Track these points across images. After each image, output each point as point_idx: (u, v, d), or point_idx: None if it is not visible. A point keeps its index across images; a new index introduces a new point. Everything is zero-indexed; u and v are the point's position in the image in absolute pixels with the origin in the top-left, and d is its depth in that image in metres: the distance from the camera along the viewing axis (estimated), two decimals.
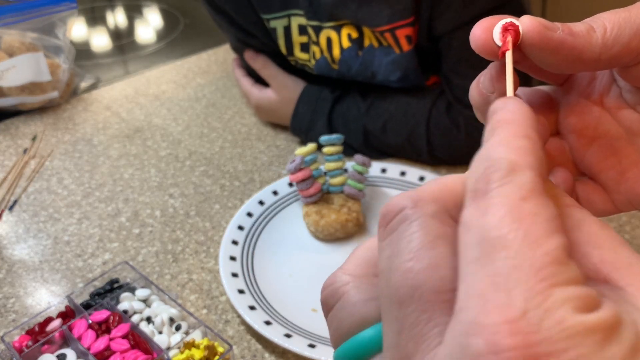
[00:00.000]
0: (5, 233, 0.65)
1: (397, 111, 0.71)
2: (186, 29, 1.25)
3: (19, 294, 0.57)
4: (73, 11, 0.91)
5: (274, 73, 0.79)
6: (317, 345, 0.48)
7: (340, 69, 0.72)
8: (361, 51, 0.70)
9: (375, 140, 0.73)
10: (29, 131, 0.85)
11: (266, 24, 0.72)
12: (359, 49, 0.70)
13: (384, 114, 0.72)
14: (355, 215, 0.61)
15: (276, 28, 0.72)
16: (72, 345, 0.49)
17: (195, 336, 0.49)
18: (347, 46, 0.69)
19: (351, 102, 0.74)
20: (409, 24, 0.65)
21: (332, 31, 0.69)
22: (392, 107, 0.72)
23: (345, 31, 0.69)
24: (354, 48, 0.69)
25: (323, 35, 0.69)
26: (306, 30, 0.71)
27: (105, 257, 0.61)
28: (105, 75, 1.03)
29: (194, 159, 0.78)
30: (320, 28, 0.69)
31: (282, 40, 0.74)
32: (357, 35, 0.69)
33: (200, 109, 0.90)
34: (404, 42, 0.66)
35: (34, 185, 0.73)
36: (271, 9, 0.71)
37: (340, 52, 0.70)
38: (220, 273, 0.56)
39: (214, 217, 0.67)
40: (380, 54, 0.69)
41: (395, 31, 0.65)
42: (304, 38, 0.72)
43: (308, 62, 0.74)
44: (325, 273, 0.61)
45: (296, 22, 0.71)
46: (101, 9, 1.41)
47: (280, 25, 0.72)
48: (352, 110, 0.74)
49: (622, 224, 0.64)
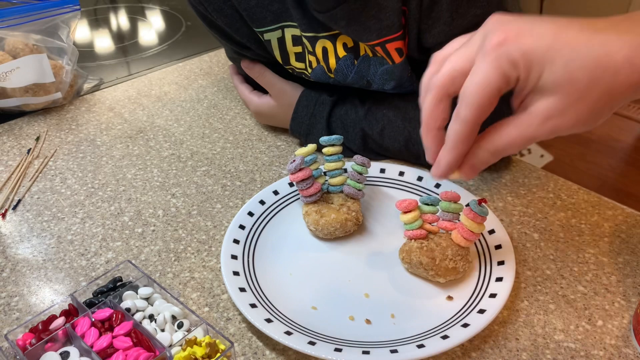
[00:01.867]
0: (9, 232, 0.66)
1: (395, 117, 0.72)
2: (188, 30, 1.26)
3: (22, 292, 0.58)
4: (76, 13, 0.92)
5: (271, 80, 0.79)
6: (317, 343, 0.49)
7: (337, 77, 0.72)
8: (357, 60, 0.70)
9: (374, 144, 0.74)
10: (32, 132, 0.86)
11: (260, 36, 0.73)
12: (354, 57, 0.70)
13: (382, 119, 0.73)
14: (354, 215, 0.62)
15: (270, 40, 0.72)
16: (75, 343, 0.49)
17: (197, 334, 0.49)
18: (342, 55, 0.70)
19: (349, 106, 0.75)
20: (399, 37, 0.65)
21: (328, 41, 0.69)
22: (390, 112, 0.73)
23: (341, 41, 0.69)
24: (350, 57, 0.70)
25: (319, 45, 0.70)
26: (301, 40, 0.71)
27: (108, 256, 0.62)
28: (108, 76, 1.04)
29: (195, 159, 0.78)
30: (316, 38, 0.69)
31: (277, 52, 0.74)
32: (353, 44, 0.69)
33: (202, 110, 0.91)
34: (395, 54, 0.67)
35: (38, 185, 0.74)
36: (263, 23, 0.71)
37: (336, 62, 0.71)
38: (221, 271, 0.56)
39: (215, 216, 0.67)
40: (375, 63, 0.69)
41: (386, 45, 0.66)
42: (298, 48, 0.72)
43: (305, 71, 0.75)
44: (325, 271, 0.62)
45: (290, 34, 0.71)
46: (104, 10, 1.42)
47: (274, 37, 0.72)
48: (350, 115, 0.74)
49: (617, 223, 0.65)
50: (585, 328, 0.53)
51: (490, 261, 0.57)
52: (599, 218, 0.66)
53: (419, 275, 0.57)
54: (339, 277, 0.58)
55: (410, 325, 0.52)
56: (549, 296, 0.56)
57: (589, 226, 0.65)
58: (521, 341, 0.51)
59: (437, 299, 0.55)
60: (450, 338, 0.49)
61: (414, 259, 0.55)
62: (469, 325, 0.50)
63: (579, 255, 0.61)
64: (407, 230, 0.57)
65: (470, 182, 0.72)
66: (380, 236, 0.63)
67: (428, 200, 0.57)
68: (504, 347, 0.51)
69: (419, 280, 0.57)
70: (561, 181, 0.72)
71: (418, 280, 0.57)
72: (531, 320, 0.53)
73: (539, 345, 0.51)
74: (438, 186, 0.68)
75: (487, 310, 0.51)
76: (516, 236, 0.64)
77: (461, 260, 0.55)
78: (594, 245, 0.62)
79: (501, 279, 0.55)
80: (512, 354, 0.50)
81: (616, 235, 0.63)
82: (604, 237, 0.63)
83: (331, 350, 0.48)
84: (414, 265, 0.56)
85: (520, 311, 0.54)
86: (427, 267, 0.55)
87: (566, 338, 0.52)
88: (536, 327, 0.53)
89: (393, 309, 0.54)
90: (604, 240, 0.63)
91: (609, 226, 0.65)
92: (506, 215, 0.67)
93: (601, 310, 0.54)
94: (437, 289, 0.56)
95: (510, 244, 0.58)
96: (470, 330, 0.49)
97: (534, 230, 0.64)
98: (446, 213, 0.57)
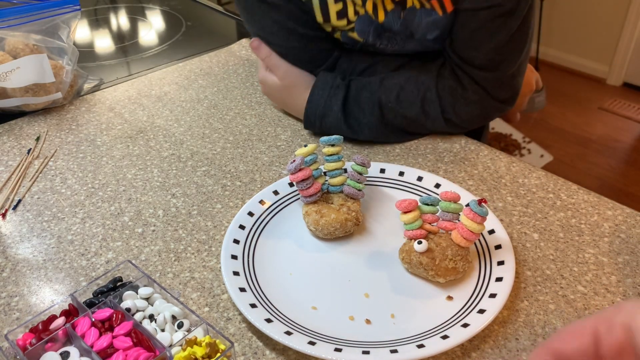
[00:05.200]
0: (9, 232, 0.66)
1: (407, 82, 0.76)
2: (188, 30, 1.26)
3: (22, 292, 0.58)
4: (76, 13, 0.92)
5: (278, 63, 0.81)
6: (317, 343, 0.49)
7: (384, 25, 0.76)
8: (404, 12, 0.73)
9: (391, 114, 0.77)
10: (32, 132, 0.86)
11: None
12: (402, 9, 0.73)
13: (396, 87, 0.76)
14: (354, 215, 0.62)
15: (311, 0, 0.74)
16: (76, 343, 0.49)
17: (197, 334, 0.49)
18: (390, 8, 0.73)
19: (361, 85, 0.77)
20: None
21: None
22: (402, 79, 0.76)
23: None
24: (397, 11, 0.73)
25: (369, 2, 0.72)
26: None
27: (109, 256, 0.62)
28: (108, 76, 1.04)
29: (195, 159, 0.78)
30: None
31: (317, 11, 0.75)
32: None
33: (202, 110, 0.91)
34: (448, 3, 0.70)
35: (38, 185, 0.74)
36: None
37: (385, 15, 0.73)
38: (221, 271, 0.56)
39: (215, 216, 0.67)
40: (422, 14, 0.72)
41: None
42: (339, 5, 0.74)
43: (345, 28, 0.77)
44: (324, 271, 0.62)
45: None
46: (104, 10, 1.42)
47: None
48: (366, 88, 0.77)
49: (617, 224, 0.65)
50: None
51: (490, 261, 0.57)
52: (598, 218, 0.66)
53: (419, 275, 0.57)
54: (339, 277, 0.58)
55: (410, 326, 0.52)
56: (549, 296, 0.56)
57: (589, 226, 0.65)
58: (521, 341, 0.51)
59: (437, 299, 0.55)
60: (450, 338, 0.49)
61: (414, 259, 0.56)
62: (468, 325, 0.50)
63: (579, 255, 0.61)
64: (407, 230, 0.57)
65: (470, 182, 0.72)
66: (380, 236, 0.63)
67: (428, 200, 0.57)
68: (504, 347, 0.51)
69: (419, 280, 0.57)
70: (561, 181, 0.72)
71: (418, 280, 0.57)
72: (531, 320, 0.53)
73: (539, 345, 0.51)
74: (438, 186, 0.68)
75: (487, 310, 0.51)
76: (516, 236, 0.64)
77: (461, 260, 0.55)
78: (594, 245, 0.62)
79: (501, 279, 0.55)
80: (512, 354, 0.50)
81: (616, 235, 0.63)
82: (604, 237, 0.63)
83: (331, 350, 0.48)
84: (414, 265, 0.56)
85: (520, 311, 0.54)
86: (427, 267, 0.55)
87: None
88: (536, 327, 0.53)
89: (393, 309, 0.54)
90: (603, 240, 0.63)
91: (608, 226, 0.65)
92: (506, 215, 0.67)
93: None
94: (437, 289, 0.56)
95: (510, 244, 0.58)
96: (470, 330, 0.49)
97: (534, 230, 0.64)
98: (446, 213, 0.57)
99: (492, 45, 0.71)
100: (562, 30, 3.33)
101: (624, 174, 2.53)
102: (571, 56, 3.36)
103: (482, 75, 0.75)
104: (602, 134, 2.80)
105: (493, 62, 0.73)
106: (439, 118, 0.77)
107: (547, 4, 3.26)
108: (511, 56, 0.73)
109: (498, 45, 0.71)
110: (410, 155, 0.78)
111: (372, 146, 0.80)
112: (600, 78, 3.27)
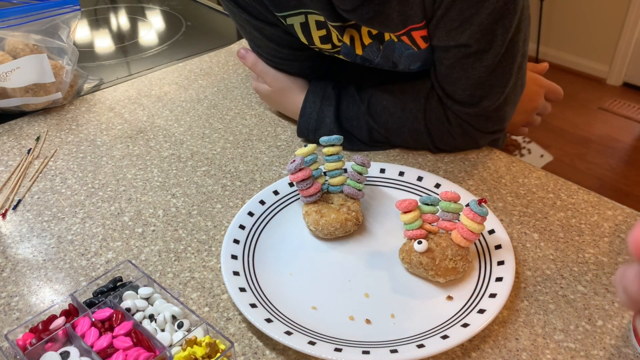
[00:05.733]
0: (9, 232, 0.66)
1: (394, 108, 0.75)
2: (188, 30, 1.26)
3: (22, 292, 0.58)
4: (76, 13, 0.92)
5: (264, 69, 0.82)
6: (317, 343, 0.49)
7: (363, 63, 0.76)
8: (382, 45, 0.72)
9: (380, 137, 0.77)
10: (32, 132, 0.86)
11: (282, 20, 0.73)
12: (380, 43, 0.72)
13: (384, 112, 0.75)
14: (354, 215, 0.62)
15: (293, 24, 0.73)
16: (76, 342, 0.49)
17: (197, 334, 0.49)
18: (368, 43, 0.72)
19: (350, 101, 0.77)
20: (423, 26, 0.66)
21: (354, 30, 0.71)
22: (390, 105, 0.75)
23: (366, 29, 0.70)
24: (375, 44, 0.72)
25: (347, 34, 0.71)
26: (325, 24, 0.72)
27: (109, 256, 0.62)
28: (108, 76, 1.04)
29: (195, 159, 0.78)
30: (343, 28, 0.70)
31: (300, 35, 0.75)
32: (377, 31, 0.70)
33: (202, 110, 0.91)
34: (421, 41, 0.68)
35: (38, 185, 0.74)
36: (285, 7, 0.71)
37: (362, 49, 0.73)
38: (221, 271, 0.56)
39: (215, 216, 0.67)
40: (400, 47, 0.71)
41: (412, 32, 0.67)
42: (322, 32, 0.73)
43: (331, 51, 0.77)
44: (324, 271, 0.62)
45: (313, 19, 0.72)
46: (104, 10, 1.42)
47: (296, 21, 0.73)
48: (352, 109, 0.76)
49: (617, 224, 0.65)
50: (585, 328, 0.53)
51: (490, 261, 0.57)
52: (598, 218, 0.66)
53: (419, 275, 0.57)
54: (339, 277, 0.58)
55: (410, 325, 0.52)
56: (549, 296, 0.56)
57: (589, 226, 0.65)
58: (521, 341, 0.51)
59: (437, 299, 0.55)
60: (450, 338, 0.49)
61: (414, 259, 0.56)
62: (468, 325, 0.50)
63: (579, 255, 0.61)
64: (407, 230, 0.57)
65: (470, 182, 0.72)
66: (380, 236, 0.63)
67: (428, 200, 0.57)
68: (504, 347, 0.51)
69: (419, 280, 0.57)
70: (561, 181, 0.72)
71: (418, 280, 0.57)
72: (531, 320, 0.53)
73: (539, 345, 0.51)
74: (438, 186, 0.68)
75: (487, 310, 0.51)
76: (516, 236, 0.64)
77: (461, 260, 0.55)
78: (593, 245, 0.62)
79: (501, 279, 0.55)
80: (512, 354, 0.50)
81: (616, 235, 0.63)
82: (604, 237, 0.63)
83: (331, 350, 0.48)
84: (414, 265, 0.56)
85: (520, 311, 0.54)
86: (427, 267, 0.55)
87: (566, 338, 0.52)
88: (536, 327, 0.53)
89: (393, 309, 0.54)
90: (604, 240, 0.63)
91: (608, 226, 0.65)
92: (506, 215, 0.67)
93: (601, 310, 0.54)
94: (437, 289, 0.56)
95: (510, 244, 0.58)
96: (470, 330, 0.49)
97: (534, 230, 0.64)
98: (446, 213, 0.57)
99: (471, 81, 0.68)
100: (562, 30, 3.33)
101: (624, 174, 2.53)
102: (571, 56, 3.37)
103: (464, 111, 0.72)
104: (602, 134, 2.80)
105: (473, 98, 0.70)
106: (428, 146, 0.77)
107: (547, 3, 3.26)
108: (492, 92, 0.69)
109: (477, 82, 0.68)
110: (410, 155, 0.78)
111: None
112: (600, 78, 3.27)
